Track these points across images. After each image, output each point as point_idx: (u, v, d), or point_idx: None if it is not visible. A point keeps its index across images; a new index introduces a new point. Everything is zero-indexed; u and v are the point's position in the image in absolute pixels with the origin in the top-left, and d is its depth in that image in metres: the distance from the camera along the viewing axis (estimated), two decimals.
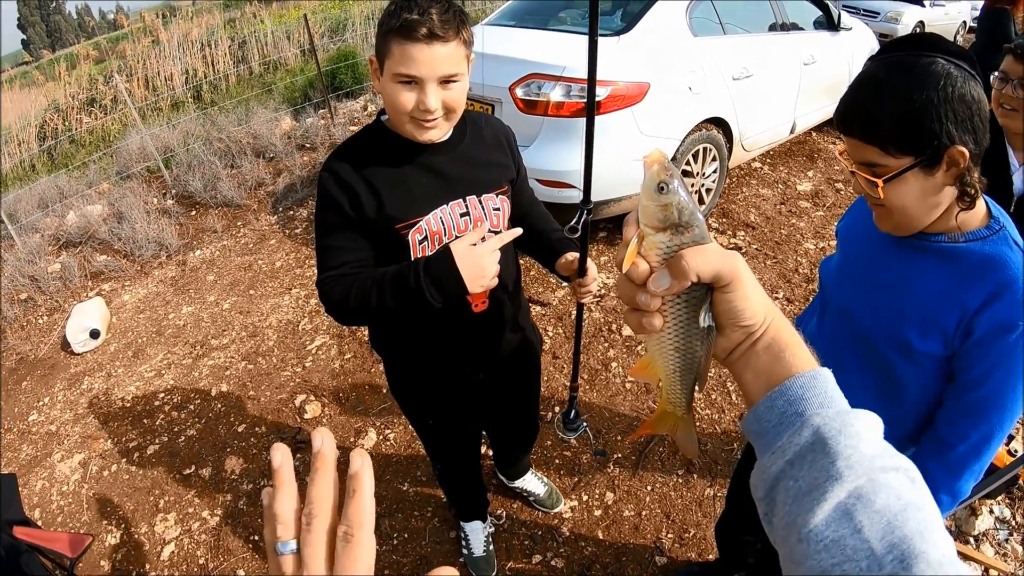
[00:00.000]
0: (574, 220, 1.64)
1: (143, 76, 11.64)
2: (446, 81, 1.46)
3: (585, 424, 2.26)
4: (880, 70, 1.14)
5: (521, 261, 2.03)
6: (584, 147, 1.62)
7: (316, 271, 1.63)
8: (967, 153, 1.09)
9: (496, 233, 1.71)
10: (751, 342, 0.66)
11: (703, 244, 0.62)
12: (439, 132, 1.54)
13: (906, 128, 1.09)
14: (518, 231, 1.45)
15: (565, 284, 1.91)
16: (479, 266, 1.42)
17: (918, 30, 10.93)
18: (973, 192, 1.16)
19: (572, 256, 1.78)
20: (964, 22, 12.44)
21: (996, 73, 2.04)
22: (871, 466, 0.55)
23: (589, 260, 1.76)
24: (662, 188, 0.60)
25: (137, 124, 7.38)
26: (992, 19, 5.57)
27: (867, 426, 0.58)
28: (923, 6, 11.17)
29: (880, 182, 1.15)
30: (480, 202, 1.67)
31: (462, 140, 1.65)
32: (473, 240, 1.43)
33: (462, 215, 1.65)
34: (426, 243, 1.62)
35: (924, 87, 1.08)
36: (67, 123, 10.94)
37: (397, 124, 1.53)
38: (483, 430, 2.44)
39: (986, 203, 1.24)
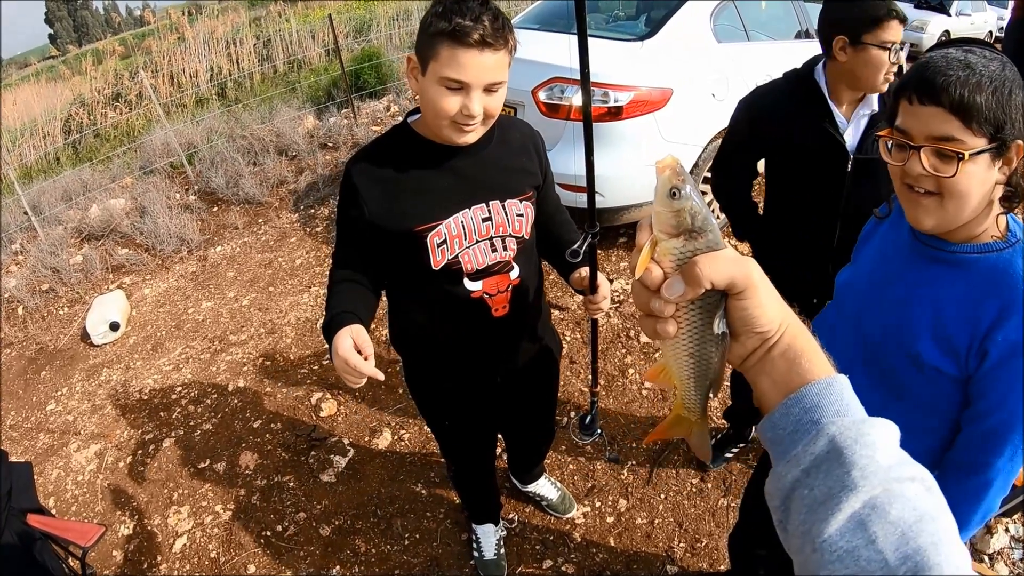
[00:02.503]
0: (577, 244, 1.61)
1: (168, 72, 11.75)
2: (489, 88, 1.46)
3: (600, 430, 2.25)
4: (960, 52, 1.11)
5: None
6: (587, 163, 1.59)
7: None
8: (1023, 149, 1.09)
9: (518, 239, 1.71)
10: (766, 348, 0.65)
11: (717, 250, 0.61)
12: (475, 136, 1.54)
13: (996, 105, 1.06)
14: (380, 375, 1.42)
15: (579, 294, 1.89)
16: (338, 367, 1.43)
17: (943, 39, 10.82)
18: (1019, 193, 1.14)
19: (586, 272, 1.77)
20: (990, 32, 12.33)
21: (889, 45, 1.97)
22: (887, 476, 0.54)
23: (601, 277, 1.76)
24: (674, 194, 0.60)
25: (161, 120, 7.44)
26: (1021, 31, 5.47)
27: (883, 435, 0.58)
28: (949, 15, 11.09)
29: (967, 154, 1.08)
30: (503, 207, 1.67)
31: (488, 144, 1.65)
32: (352, 344, 1.42)
33: (484, 220, 1.64)
34: (445, 246, 1.61)
35: (1012, 74, 1.07)
36: (92, 117, 11.05)
37: (433, 126, 1.52)
38: (499, 433, 2.44)
39: (1007, 216, 1.21)
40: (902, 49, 1.94)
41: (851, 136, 2.06)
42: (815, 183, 2.14)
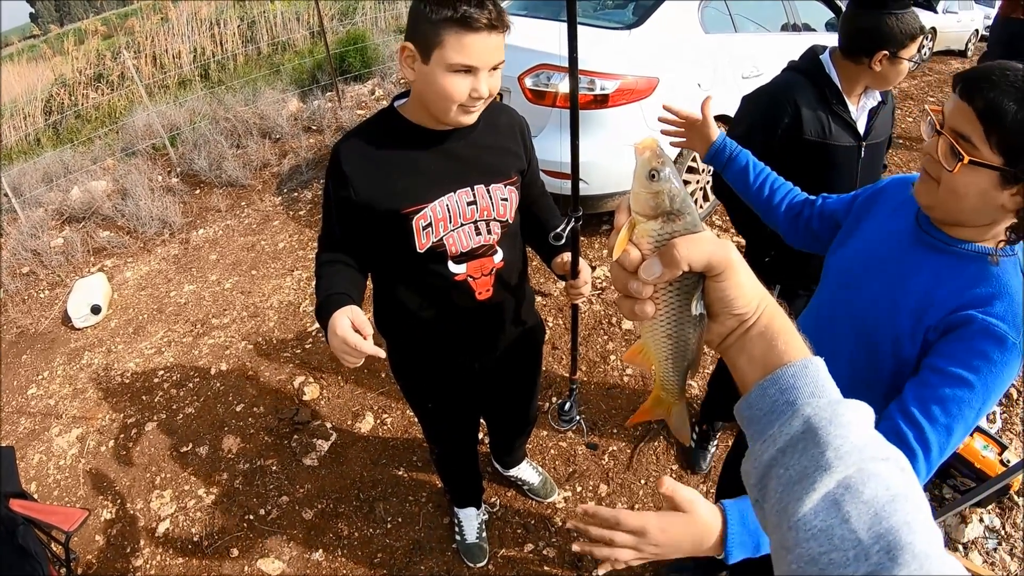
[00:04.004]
0: (560, 227, 1.62)
1: (151, 53, 11.58)
2: (493, 68, 1.48)
3: (579, 417, 2.27)
4: None
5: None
6: (571, 146, 1.59)
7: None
8: None
9: (502, 223, 1.73)
10: (744, 329, 0.66)
11: (695, 232, 0.62)
12: (477, 115, 1.56)
13: (1021, 132, 1.07)
14: (381, 353, 1.44)
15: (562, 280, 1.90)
16: (336, 348, 1.44)
17: (929, 36, 10.87)
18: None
19: (568, 257, 1.79)
20: (976, 30, 12.35)
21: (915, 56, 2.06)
22: (860, 456, 0.55)
23: (583, 263, 1.77)
24: (653, 175, 0.60)
25: (144, 101, 7.35)
26: (1008, 28, 5.53)
27: (858, 416, 0.59)
28: (935, 12, 11.09)
29: (966, 158, 1.12)
30: (488, 191, 1.68)
31: (475, 128, 1.65)
32: (351, 324, 1.42)
33: (469, 203, 1.65)
34: (430, 229, 1.62)
35: None
36: (73, 98, 10.89)
37: (438, 111, 1.52)
38: (481, 417, 2.46)
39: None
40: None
41: (861, 125, 2.16)
42: (834, 175, 2.19)
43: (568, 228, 1.62)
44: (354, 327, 1.41)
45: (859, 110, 2.15)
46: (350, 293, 1.57)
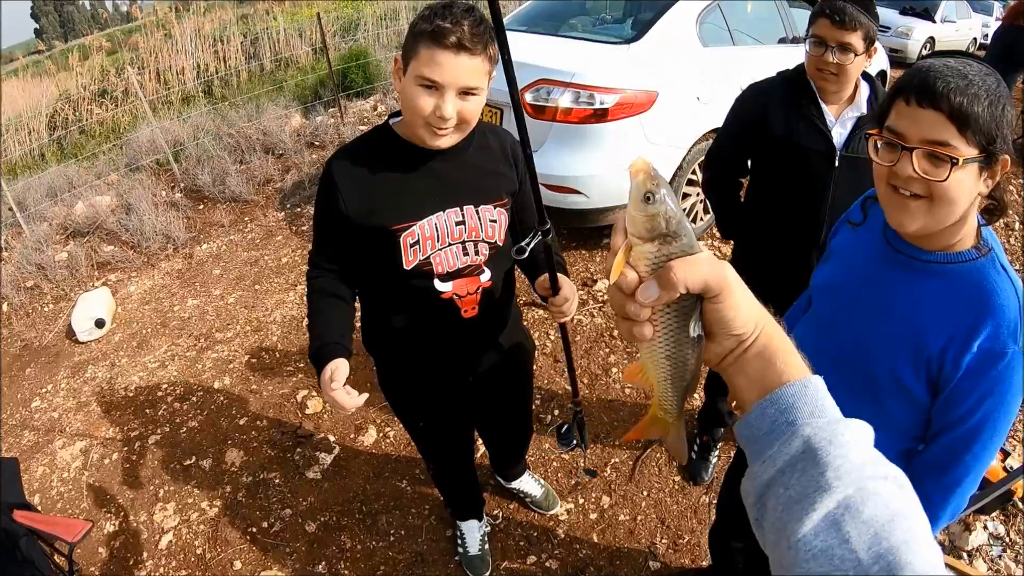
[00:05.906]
0: (525, 240, 1.58)
1: (155, 69, 11.65)
2: (465, 92, 1.49)
3: (576, 440, 2.25)
4: (958, 63, 1.11)
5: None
6: (528, 164, 1.56)
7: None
8: (1008, 163, 1.12)
9: (491, 244, 1.74)
10: (743, 349, 0.66)
11: (692, 254, 0.61)
12: (449, 141, 1.56)
13: (990, 117, 1.07)
14: (362, 399, 1.54)
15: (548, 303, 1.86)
16: (327, 399, 1.54)
17: (928, 46, 10.94)
18: (1001, 206, 1.17)
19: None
20: (975, 39, 12.43)
21: (811, 38, 2.11)
22: (860, 475, 0.56)
23: (564, 279, 1.73)
24: (648, 198, 0.60)
25: (148, 117, 7.40)
26: (1010, 37, 5.59)
27: (857, 435, 0.59)
28: (934, 22, 11.18)
29: (960, 161, 1.08)
30: (477, 212, 1.69)
31: (467, 148, 1.67)
32: (337, 383, 1.52)
33: (457, 223, 1.67)
34: (417, 247, 1.64)
35: (1005, 91, 1.10)
36: (78, 113, 10.94)
37: (410, 126, 1.55)
38: (477, 432, 2.47)
39: (978, 222, 1.23)
40: (844, 51, 2.04)
41: (838, 135, 2.16)
42: (803, 179, 2.22)
43: (533, 241, 1.59)
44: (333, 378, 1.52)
45: (841, 119, 2.16)
46: (342, 340, 1.64)
